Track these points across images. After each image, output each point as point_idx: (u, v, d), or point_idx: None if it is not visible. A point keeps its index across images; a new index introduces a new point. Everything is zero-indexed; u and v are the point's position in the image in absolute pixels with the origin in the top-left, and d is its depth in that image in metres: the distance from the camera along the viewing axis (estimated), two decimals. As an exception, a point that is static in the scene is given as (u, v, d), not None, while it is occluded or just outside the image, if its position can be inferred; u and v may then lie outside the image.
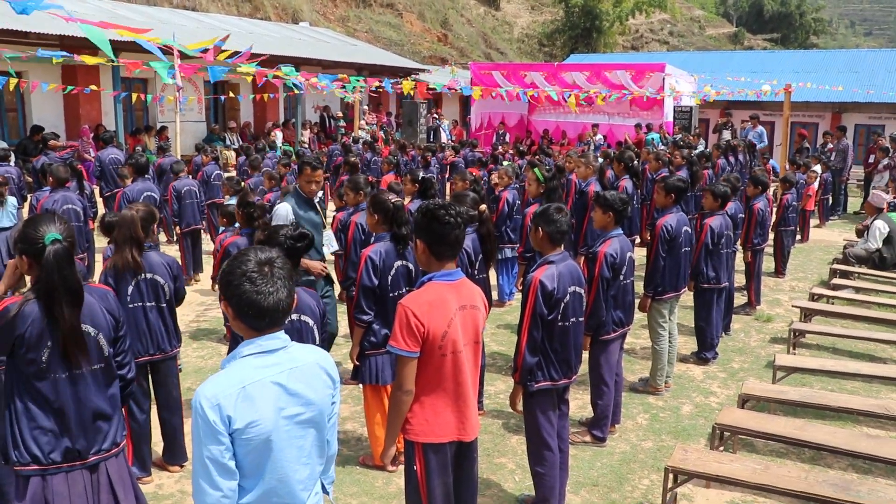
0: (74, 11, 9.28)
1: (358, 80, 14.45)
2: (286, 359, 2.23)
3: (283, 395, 2.19)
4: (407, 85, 14.63)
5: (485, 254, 5.26)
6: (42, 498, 2.80)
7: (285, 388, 2.20)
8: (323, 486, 2.50)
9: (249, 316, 2.17)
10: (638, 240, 9.56)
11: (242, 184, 8.18)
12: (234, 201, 6.89)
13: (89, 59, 10.22)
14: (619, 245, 4.83)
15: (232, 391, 2.12)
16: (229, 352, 4.04)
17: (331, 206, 11.39)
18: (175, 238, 9.75)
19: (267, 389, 2.16)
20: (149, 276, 4.25)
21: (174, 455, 4.62)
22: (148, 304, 4.27)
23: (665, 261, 5.79)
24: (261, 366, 2.18)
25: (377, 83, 14.88)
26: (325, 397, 2.32)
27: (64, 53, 10.61)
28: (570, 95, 17.07)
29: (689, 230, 6.08)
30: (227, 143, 18.31)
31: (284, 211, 5.31)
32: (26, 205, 9.15)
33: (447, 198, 9.04)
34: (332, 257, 6.68)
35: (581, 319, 4.08)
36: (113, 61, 10.48)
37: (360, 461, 4.67)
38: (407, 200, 6.99)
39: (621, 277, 4.85)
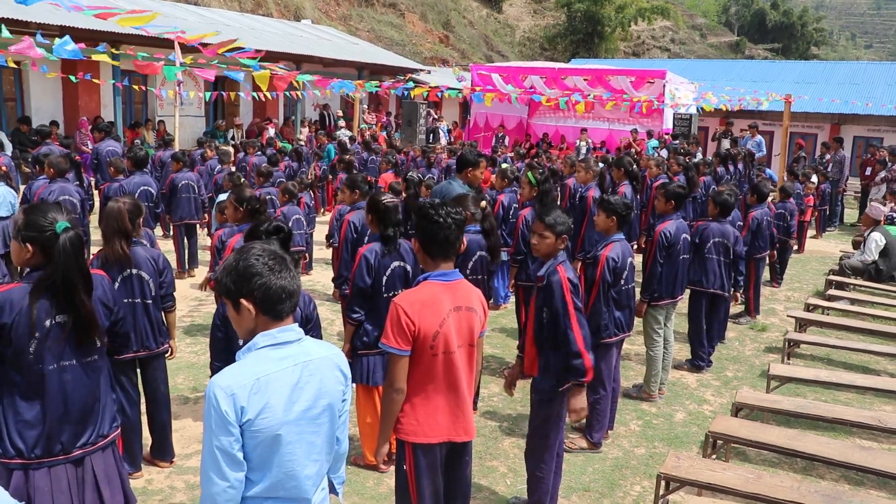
0: (76, 2, 9.26)
1: (373, 85, 14.60)
2: (299, 352, 2.25)
3: (296, 388, 2.21)
4: (418, 90, 14.74)
5: (489, 250, 5.25)
6: (24, 492, 2.77)
7: (298, 382, 2.22)
8: (332, 486, 2.51)
9: (274, 303, 2.20)
10: (636, 245, 9.56)
11: (242, 179, 8.15)
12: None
13: (95, 56, 10.16)
14: (620, 249, 4.85)
15: (247, 382, 2.14)
16: (214, 349, 4.06)
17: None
18: (171, 232, 9.73)
19: (280, 382, 2.19)
20: (134, 272, 4.18)
21: (162, 451, 4.60)
22: (134, 300, 4.21)
23: (662, 267, 5.79)
24: (276, 358, 2.20)
25: (383, 83, 14.97)
26: (336, 393, 2.34)
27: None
28: (578, 99, 17.13)
29: (688, 237, 6.09)
30: (229, 139, 18.28)
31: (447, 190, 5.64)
32: (19, 195, 9.11)
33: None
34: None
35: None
36: (116, 52, 10.47)
37: (352, 461, 4.65)
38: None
39: (622, 282, 4.86)
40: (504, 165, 9.01)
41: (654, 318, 5.87)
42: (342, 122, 21.32)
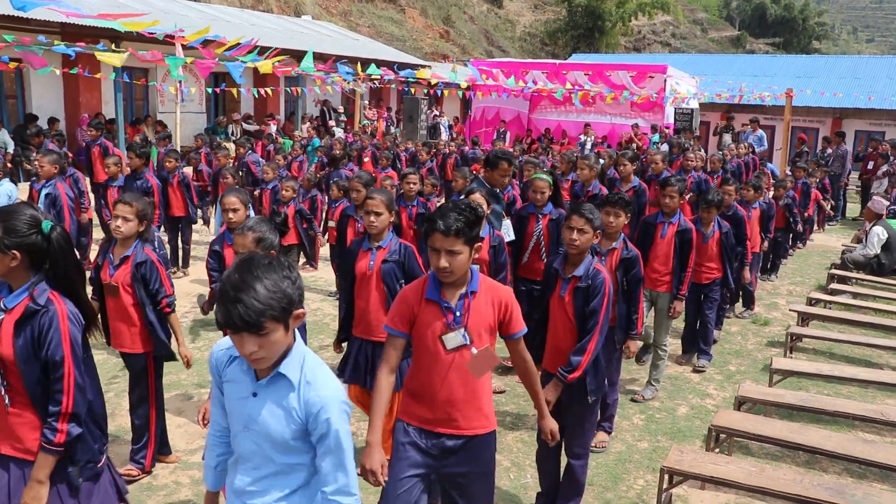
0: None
1: (376, 71, 14.64)
2: None
3: None
4: (421, 74, 14.79)
5: None
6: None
7: None
8: None
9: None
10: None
11: (240, 173, 8.16)
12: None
13: (103, 58, 10.11)
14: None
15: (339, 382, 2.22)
16: None
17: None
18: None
19: None
20: None
21: (163, 446, 4.59)
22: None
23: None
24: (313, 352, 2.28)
25: (384, 76, 15.01)
26: None
27: (66, 49, 10.54)
28: (579, 92, 17.16)
29: None
30: (230, 134, 18.28)
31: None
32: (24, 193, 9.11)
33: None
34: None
35: None
36: (120, 51, 10.46)
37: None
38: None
39: None
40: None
41: None
42: (331, 122, 21.28)
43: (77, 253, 7.23)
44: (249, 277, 1.98)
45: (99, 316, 3.84)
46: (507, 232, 5.90)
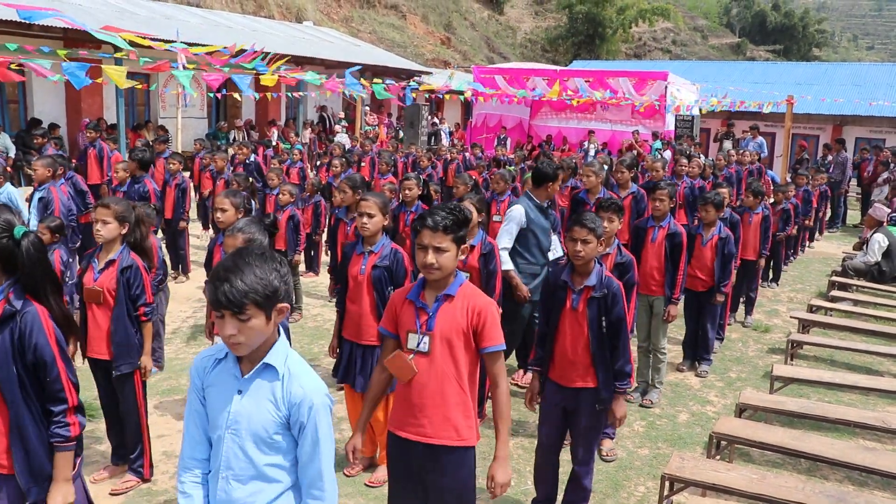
0: (79, 6, 9.29)
1: (382, 85, 14.77)
2: None
3: None
4: (423, 87, 14.90)
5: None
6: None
7: None
8: None
9: None
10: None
11: (250, 179, 8.16)
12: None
13: (109, 73, 10.15)
14: None
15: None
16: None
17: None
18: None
19: None
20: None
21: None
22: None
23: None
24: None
25: (390, 86, 15.11)
26: None
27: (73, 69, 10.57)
28: (580, 98, 17.22)
29: None
30: (231, 139, 18.30)
31: (518, 213, 5.50)
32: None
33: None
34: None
35: None
36: (120, 62, 10.50)
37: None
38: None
39: None
40: (510, 168, 8.99)
41: None
42: (338, 127, 21.30)
43: (76, 256, 7.22)
44: (241, 263, 2.09)
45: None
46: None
